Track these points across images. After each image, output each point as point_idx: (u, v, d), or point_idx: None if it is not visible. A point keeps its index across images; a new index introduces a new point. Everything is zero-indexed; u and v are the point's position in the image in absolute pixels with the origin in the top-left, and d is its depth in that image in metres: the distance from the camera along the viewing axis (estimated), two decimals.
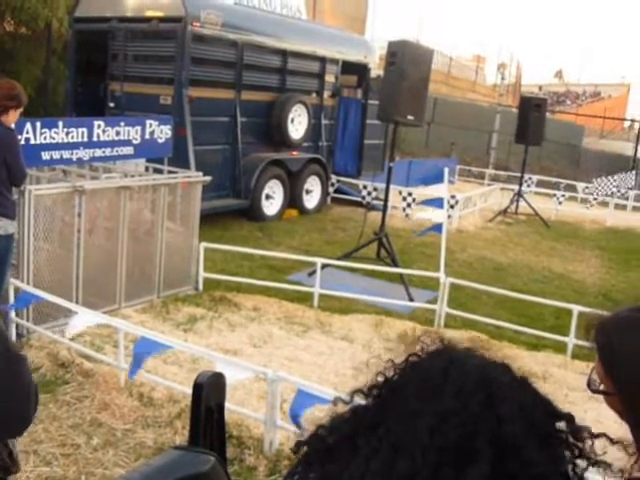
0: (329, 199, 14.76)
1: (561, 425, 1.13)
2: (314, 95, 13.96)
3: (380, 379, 1.17)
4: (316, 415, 4.36)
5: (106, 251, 7.00)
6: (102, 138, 7.30)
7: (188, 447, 1.57)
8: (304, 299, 7.92)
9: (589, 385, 1.63)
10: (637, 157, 27.28)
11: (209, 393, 1.61)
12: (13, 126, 5.73)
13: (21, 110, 5.77)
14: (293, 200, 13.17)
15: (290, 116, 12.78)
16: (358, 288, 8.31)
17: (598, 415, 5.63)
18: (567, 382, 6.25)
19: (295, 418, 4.27)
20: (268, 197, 12.53)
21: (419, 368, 1.15)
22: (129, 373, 5.07)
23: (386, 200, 9.58)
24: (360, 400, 1.19)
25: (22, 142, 6.16)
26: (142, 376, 5.29)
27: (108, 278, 6.96)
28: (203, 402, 1.59)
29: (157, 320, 6.93)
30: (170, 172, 8.03)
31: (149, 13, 11.28)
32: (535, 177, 19.56)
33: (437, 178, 9.32)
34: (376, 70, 15.06)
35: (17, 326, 6.07)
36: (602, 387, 1.60)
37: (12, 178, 5.67)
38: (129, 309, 7.06)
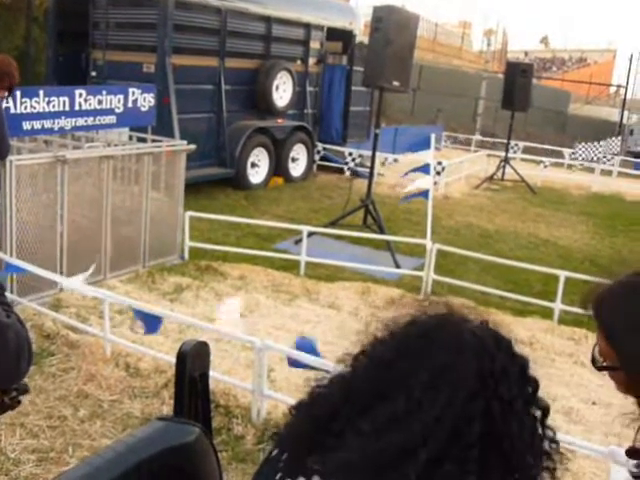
0: (315, 167, 14.68)
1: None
2: (299, 62, 13.81)
3: (366, 345, 1.17)
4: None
5: (90, 221, 6.93)
6: (84, 107, 7.19)
7: (172, 418, 1.54)
8: (290, 267, 7.90)
9: (593, 363, 1.55)
10: (623, 123, 27.30)
11: (193, 362, 1.59)
12: None
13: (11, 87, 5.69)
14: (279, 168, 13.09)
15: (275, 83, 12.66)
16: (345, 256, 8.30)
17: (580, 379, 5.69)
18: (554, 347, 6.28)
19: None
20: (253, 165, 12.45)
21: (400, 336, 1.14)
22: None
23: (372, 167, 9.54)
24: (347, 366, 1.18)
25: None
26: (128, 346, 5.27)
27: (93, 249, 6.89)
28: (187, 371, 1.57)
29: (143, 290, 6.89)
30: (154, 141, 7.95)
31: None
32: (521, 143, 19.55)
33: (423, 145, 9.29)
34: (361, 37, 14.93)
35: None
36: (606, 363, 1.52)
37: None
38: (114, 280, 7.01)
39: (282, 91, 12.95)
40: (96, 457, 1.38)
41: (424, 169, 8.73)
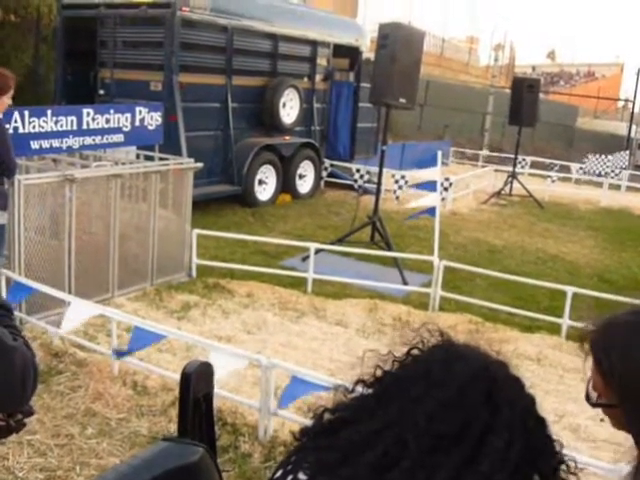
0: (322, 183, 14.71)
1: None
2: (306, 79, 13.87)
3: (381, 371, 1.19)
4: (310, 400, 4.36)
5: (98, 240, 6.96)
6: (92, 126, 7.24)
7: (177, 438, 1.55)
8: (298, 284, 7.90)
9: (587, 399, 1.54)
10: (631, 137, 27.28)
11: (197, 383, 1.59)
12: (1, 116, 5.68)
13: (10, 94, 5.71)
14: (286, 185, 13.13)
15: (282, 100, 12.71)
16: (352, 272, 8.29)
17: None
18: (562, 363, 6.25)
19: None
20: (261, 182, 12.49)
21: (421, 361, 1.16)
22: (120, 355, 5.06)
23: (379, 184, 9.55)
24: (361, 389, 1.19)
25: (10, 131, 6.09)
26: (136, 365, 5.27)
27: (100, 267, 6.92)
28: (191, 392, 1.57)
29: (150, 308, 6.91)
30: (161, 159, 7.99)
31: None
32: (529, 158, 19.55)
33: (431, 161, 9.29)
34: (368, 53, 14.98)
35: None
36: (600, 400, 1.50)
37: (3, 169, 5.63)
38: (122, 298, 7.03)
39: (289, 108, 13.01)
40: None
41: (431, 186, 8.73)
